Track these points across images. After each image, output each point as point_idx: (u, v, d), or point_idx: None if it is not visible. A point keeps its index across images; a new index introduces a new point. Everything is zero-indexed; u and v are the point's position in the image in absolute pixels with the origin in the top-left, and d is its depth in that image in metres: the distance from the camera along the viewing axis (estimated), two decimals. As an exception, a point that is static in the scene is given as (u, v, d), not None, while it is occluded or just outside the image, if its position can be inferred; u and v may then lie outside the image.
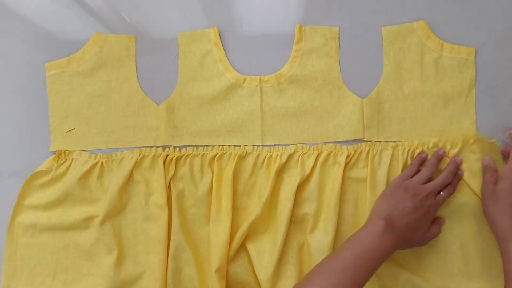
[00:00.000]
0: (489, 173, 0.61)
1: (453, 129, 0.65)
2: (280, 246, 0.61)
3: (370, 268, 0.54)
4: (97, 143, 0.67)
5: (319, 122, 0.67)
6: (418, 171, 0.63)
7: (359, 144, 0.65)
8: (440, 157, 0.63)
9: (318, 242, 0.62)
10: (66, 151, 0.67)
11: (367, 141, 0.66)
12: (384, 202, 0.60)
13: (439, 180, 0.60)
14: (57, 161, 0.66)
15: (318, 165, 0.64)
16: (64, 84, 0.67)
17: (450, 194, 0.62)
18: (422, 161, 0.64)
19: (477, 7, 0.67)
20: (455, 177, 0.62)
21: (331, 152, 0.65)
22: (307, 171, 0.64)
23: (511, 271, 0.54)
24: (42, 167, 0.66)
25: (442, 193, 0.61)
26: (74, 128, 0.67)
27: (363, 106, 0.66)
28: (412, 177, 0.61)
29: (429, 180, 0.61)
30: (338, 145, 0.65)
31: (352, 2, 0.67)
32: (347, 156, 0.64)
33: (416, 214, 0.57)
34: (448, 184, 0.61)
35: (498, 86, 0.66)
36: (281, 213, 0.63)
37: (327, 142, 0.66)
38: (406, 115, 0.66)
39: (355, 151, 0.65)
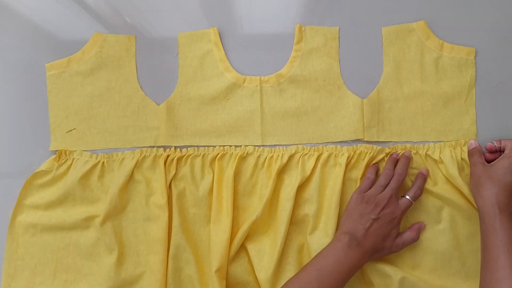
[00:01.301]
0: (477, 154, 0.61)
1: (453, 129, 0.66)
2: (280, 246, 0.61)
3: (335, 283, 0.54)
4: (97, 143, 0.67)
5: (319, 122, 0.67)
6: (374, 181, 0.63)
7: (358, 145, 0.65)
8: (394, 160, 0.64)
9: (318, 243, 0.62)
10: (67, 151, 0.67)
11: (367, 142, 0.66)
12: (348, 218, 0.60)
13: (393, 182, 0.61)
14: (58, 161, 0.66)
15: (319, 166, 0.64)
16: (64, 84, 0.67)
17: (417, 197, 0.62)
18: (376, 169, 0.64)
19: (477, 7, 0.66)
20: (419, 179, 0.63)
21: (332, 153, 0.65)
22: (308, 172, 0.64)
23: (496, 247, 0.54)
24: (42, 167, 0.66)
25: (407, 196, 0.61)
26: (74, 128, 0.67)
27: (363, 106, 0.66)
28: (370, 187, 0.62)
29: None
30: (338, 146, 0.65)
31: (352, 2, 0.67)
32: (348, 157, 0.64)
33: (379, 224, 0.58)
34: (415, 186, 0.62)
35: (498, 86, 0.66)
36: (281, 214, 0.63)
37: (327, 143, 0.66)
38: (406, 115, 0.66)
39: (354, 152, 0.65)
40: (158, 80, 0.68)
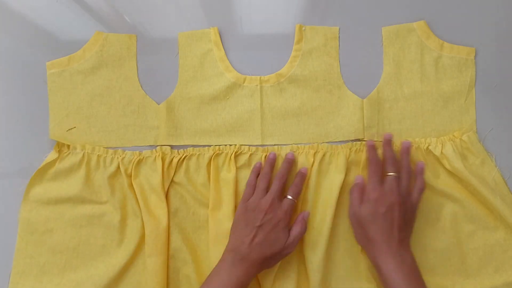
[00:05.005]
0: (356, 190, 0.61)
1: (453, 129, 0.66)
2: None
3: None
4: (97, 142, 0.67)
5: (319, 122, 0.66)
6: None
7: (354, 143, 0.65)
8: (272, 162, 0.63)
9: (313, 241, 0.62)
10: (70, 145, 0.66)
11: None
12: (233, 232, 0.59)
13: (274, 185, 0.60)
14: (61, 154, 0.65)
15: (315, 165, 0.64)
16: (65, 82, 0.67)
17: (297, 194, 0.61)
18: (257, 174, 0.63)
19: (477, 7, 0.67)
20: (298, 177, 0.62)
21: (327, 151, 0.65)
22: (303, 171, 0.64)
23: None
24: (50, 158, 0.64)
25: (289, 196, 0.59)
26: (75, 127, 0.67)
27: (363, 106, 0.66)
28: (253, 193, 0.60)
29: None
30: (334, 144, 0.65)
31: (352, 2, 0.68)
32: (344, 155, 0.64)
33: (264, 231, 0.56)
34: (293, 185, 0.61)
35: (498, 86, 0.66)
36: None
37: (327, 142, 0.66)
38: (406, 115, 0.66)
39: (350, 149, 0.65)
40: (158, 80, 0.68)
